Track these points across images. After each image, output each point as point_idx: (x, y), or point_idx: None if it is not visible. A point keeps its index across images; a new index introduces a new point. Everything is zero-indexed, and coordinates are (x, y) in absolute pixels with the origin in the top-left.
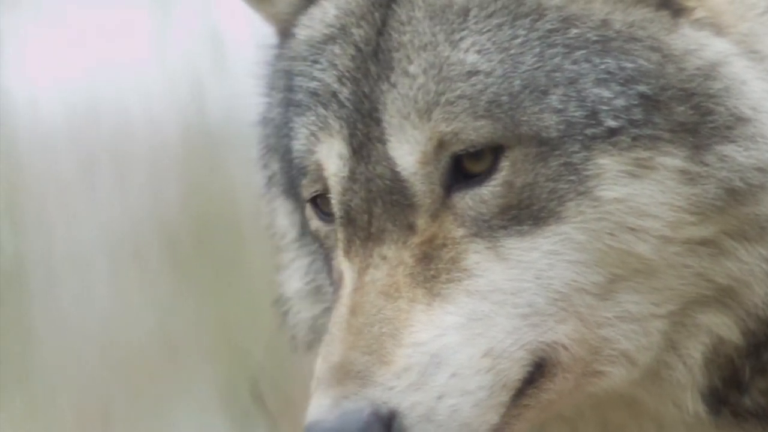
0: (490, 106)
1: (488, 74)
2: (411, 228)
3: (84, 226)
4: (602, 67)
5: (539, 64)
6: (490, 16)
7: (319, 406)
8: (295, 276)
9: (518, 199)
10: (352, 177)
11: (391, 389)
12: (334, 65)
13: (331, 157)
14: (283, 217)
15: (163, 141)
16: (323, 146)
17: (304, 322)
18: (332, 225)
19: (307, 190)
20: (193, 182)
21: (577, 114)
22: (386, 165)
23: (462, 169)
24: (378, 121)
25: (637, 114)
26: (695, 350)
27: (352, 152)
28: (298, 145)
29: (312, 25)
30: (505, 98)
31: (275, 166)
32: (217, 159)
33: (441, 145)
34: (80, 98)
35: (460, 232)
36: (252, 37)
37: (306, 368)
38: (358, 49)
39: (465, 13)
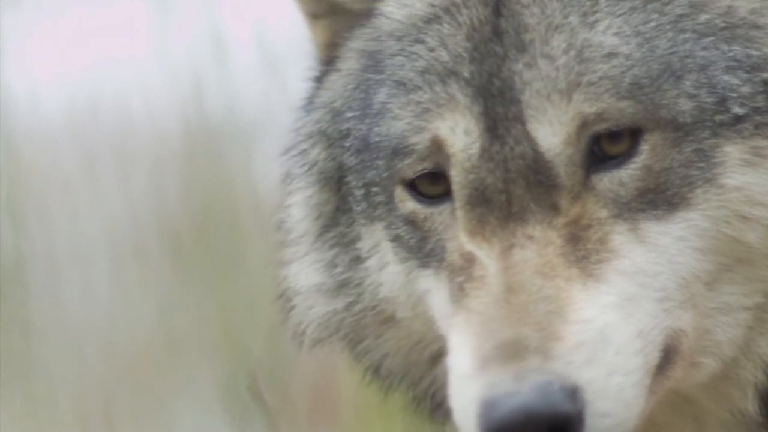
0: (632, 88)
1: (628, 57)
2: (555, 208)
3: (85, 222)
4: (730, 54)
5: (673, 49)
6: None
7: (501, 381)
8: (309, 270)
9: (655, 183)
10: (484, 155)
11: (570, 364)
12: (446, 44)
13: (457, 134)
14: (300, 209)
15: (164, 137)
16: (445, 122)
17: (317, 318)
18: (435, 207)
19: (411, 169)
20: (193, 178)
21: (708, 100)
22: (527, 145)
23: (600, 150)
24: (515, 101)
25: (761, 101)
26: (766, 348)
27: (484, 130)
28: (400, 124)
29: (410, 3)
30: (645, 81)
31: (319, 153)
32: (217, 155)
33: (583, 126)
34: (81, 95)
35: (603, 213)
36: (252, 34)
37: (305, 366)
38: (473, 29)
39: None
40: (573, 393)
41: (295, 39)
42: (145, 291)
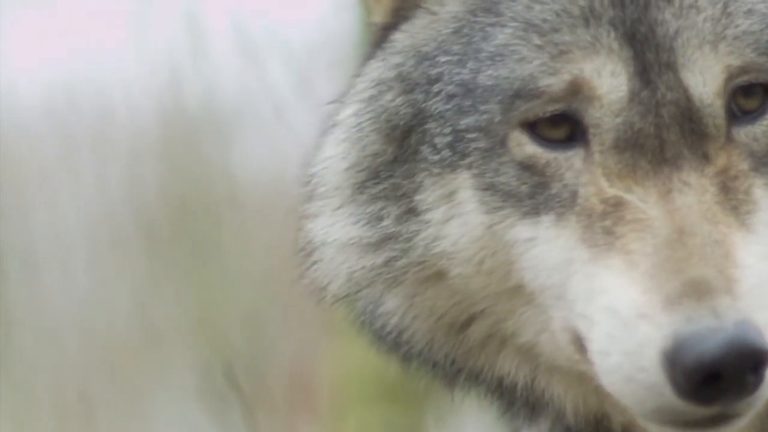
0: None
1: (764, 16)
2: (706, 157)
3: (63, 212)
4: None
5: None
6: None
7: (701, 316)
8: (345, 223)
9: None
10: (633, 99)
11: (749, 306)
12: None
13: (603, 76)
14: (339, 161)
15: (142, 127)
16: (590, 64)
17: (348, 272)
18: (560, 152)
19: (540, 110)
20: (171, 167)
21: None
22: (679, 93)
23: (735, 105)
24: (665, 49)
25: None
26: None
27: (634, 74)
28: (529, 66)
29: None
30: None
31: (392, 99)
32: (195, 144)
33: (730, 78)
34: (59, 84)
35: (745, 165)
36: (229, 22)
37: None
38: None
39: None
40: (761, 333)
41: (272, 27)
42: (123, 280)
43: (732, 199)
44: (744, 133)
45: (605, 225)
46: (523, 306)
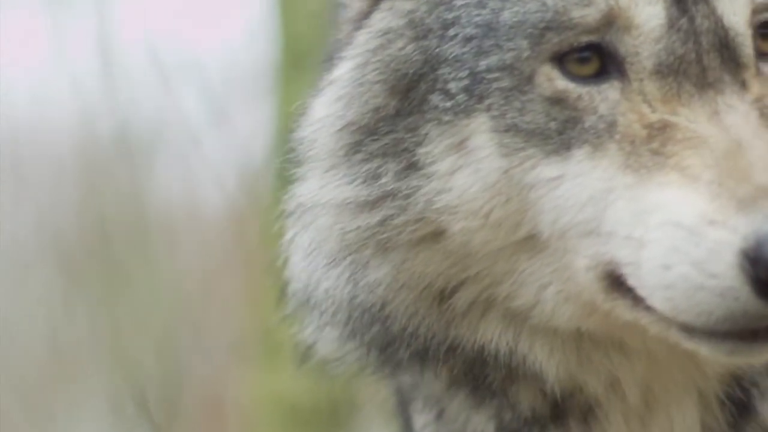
0: None
1: None
2: (743, 85)
3: None
4: None
5: None
6: None
7: None
8: (339, 183)
9: None
10: (672, 26)
11: None
12: None
13: (640, 5)
14: (332, 121)
15: (58, 152)
16: None
17: (340, 233)
18: (592, 86)
19: (574, 40)
20: (87, 193)
21: None
22: (715, 22)
23: (755, 45)
24: None
25: None
26: None
27: (671, 3)
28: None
29: None
30: None
31: (402, 47)
32: (111, 170)
33: (755, 11)
34: None
35: None
36: (144, 49)
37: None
38: None
39: None
40: None
41: (188, 54)
42: (37, 305)
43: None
44: (767, 69)
45: (653, 147)
46: (527, 261)
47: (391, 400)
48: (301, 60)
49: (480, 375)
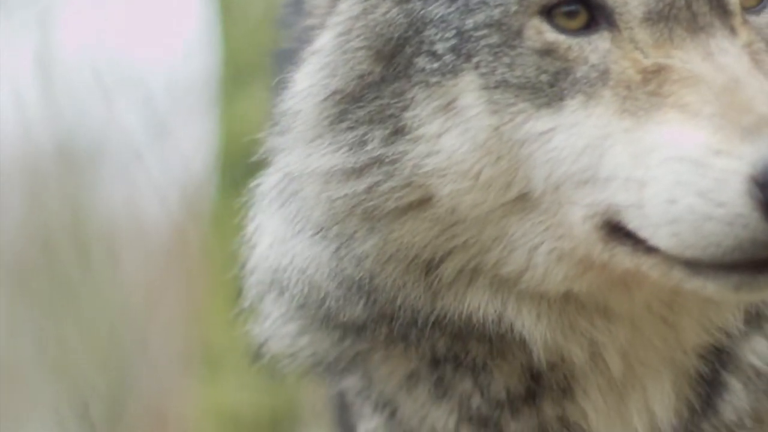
0: None
1: None
2: (732, 30)
3: None
4: None
5: None
6: None
7: None
8: (325, 152)
9: None
10: None
11: None
12: None
13: None
14: (316, 89)
15: (3, 164)
16: None
17: (327, 202)
18: (582, 37)
19: None
20: (30, 205)
21: None
22: None
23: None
24: None
25: None
26: None
27: None
28: None
29: None
30: None
31: (387, 11)
32: (53, 182)
33: None
34: None
35: (762, 45)
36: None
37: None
38: None
39: None
40: None
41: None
42: None
43: (761, 71)
44: (752, 21)
45: (649, 89)
46: (518, 223)
47: (332, 410)
48: (241, 74)
49: (462, 351)
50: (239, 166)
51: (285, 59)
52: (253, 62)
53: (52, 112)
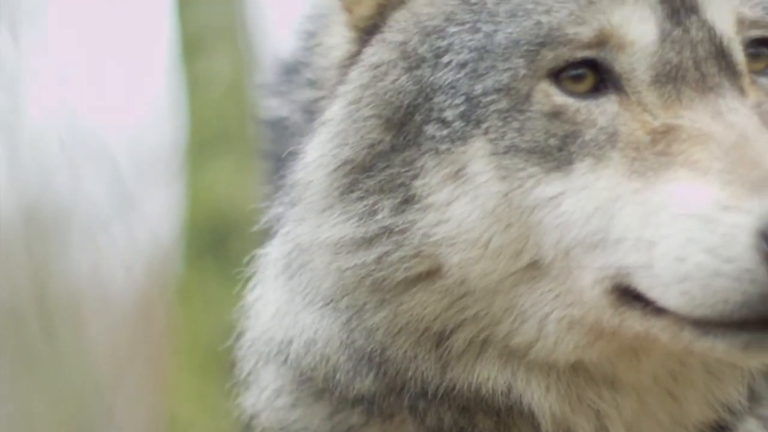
0: None
1: None
2: (741, 91)
3: None
4: None
5: None
6: None
7: None
8: (335, 222)
9: None
10: (666, 39)
11: None
12: None
13: (632, 23)
14: (327, 160)
15: None
16: (616, 14)
17: (337, 272)
18: (590, 100)
19: (569, 55)
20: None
21: None
22: (708, 32)
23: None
24: None
25: None
26: None
27: (663, 18)
28: (555, 16)
29: None
30: None
31: (395, 79)
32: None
33: (741, 23)
34: None
35: None
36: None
37: None
38: None
39: None
40: None
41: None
42: None
43: None
44: (760, 83)
45: (658, 149)
46: (528, 292)
47: None
48: (208, 145)
49: (468, 424)
50: (205, 235)
51: (277, 128)
52: (219, 132)
53: (18, 179)
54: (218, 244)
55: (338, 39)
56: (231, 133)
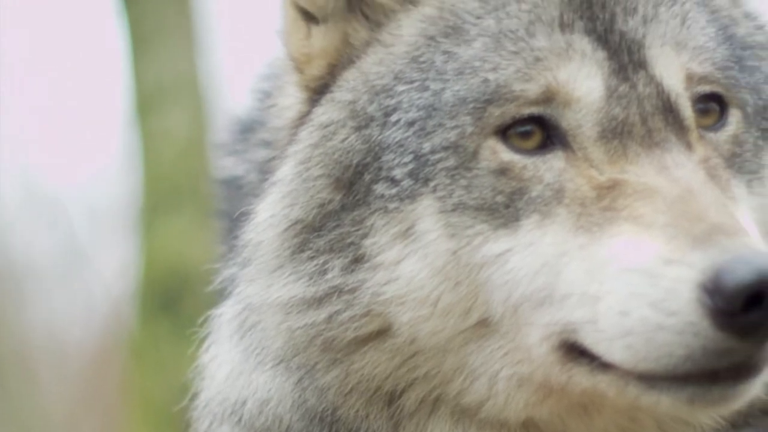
0: (723, 64)
1: (714, 38)
2: (688, 146)
3: None
4: (764, 69)
5: (736, 45)
6: None
7: (736, 247)
8: (286, 282)
9: (741, 151)
10: (612, 95)
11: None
12: (543, 7)
13: (579, 80)
14: (277, 221)
15: None
16: (563, 71)
17: (288, 332)
18: (537, 156)
19: (516, 111)
20: None
21: (759, 102)
22: (655, 87)
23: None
24: (635, 50)
25: None
26: None
27: (610, 74)
28: (502, 73)
29: None
30: (728, 63)
31: (344, 138)
32: None
33: (690, 78)
34: None
35: (720, 161)
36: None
37: None
38: None
39: None
40: None
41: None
42: None
43: (717, 185)
44: (708, 138)
45: (603, 204)
46: (478, 350)
47: None
48: (162, 202)
49: None
50: (159, 294)
51: (232, 187)
52: (174, 189)
53: None
54: (172, 303)
55: (291, 100)
56: (186, 191)
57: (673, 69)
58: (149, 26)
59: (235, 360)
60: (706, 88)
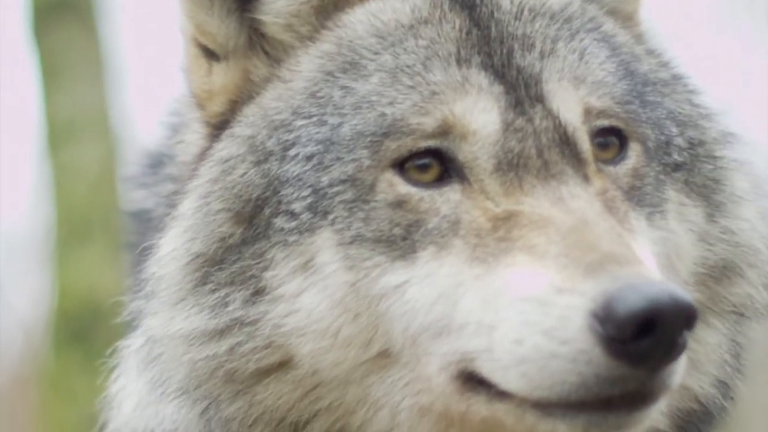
0: (622, 98)
1: (613, 73)
2: (586, 178)
3: None
4: (665, 105)
5: (636, 81)
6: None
7: (627, 275)
8: (187, 314)
9: (641, 185)
10: (508, 128)
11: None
12: (442, 40)
13: (475, 113)
14: (178, 254)
15: None
16: (459, 105)
17: (189, 364)
18: (433, 189)
19: (413, 144)
20: None
21: (661, 137)
22: (552, 121)
23: (595, 153)
24: (533, 85)
25: (687, 158)
26: None
27: (506, 107)
28: (399, 107)
29: (387, 11)
30: (628, 98)
31: (243, 173)
32: None
33: (588, 112)
34: None
35: (618, 193)
36: None
37: None
38: (461, 32)
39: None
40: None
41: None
42: None
43: (614, 216)
44: (607, 171)
45: (499, 235)
46: (380, 381)
47: None
48: (75, 234)
49: None
50: (72, 325)
51: (141, 220)
52: (86, 221)
53: None
54: (84, 334)
55: (195, 135)
56: (97, 223)
57: (570, 103)
58: (60, 61)
59: (141, 391)
60: (604, 122)
